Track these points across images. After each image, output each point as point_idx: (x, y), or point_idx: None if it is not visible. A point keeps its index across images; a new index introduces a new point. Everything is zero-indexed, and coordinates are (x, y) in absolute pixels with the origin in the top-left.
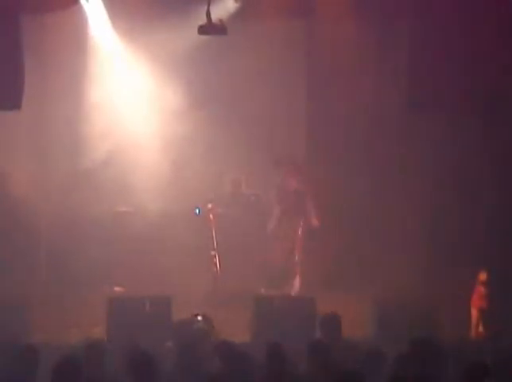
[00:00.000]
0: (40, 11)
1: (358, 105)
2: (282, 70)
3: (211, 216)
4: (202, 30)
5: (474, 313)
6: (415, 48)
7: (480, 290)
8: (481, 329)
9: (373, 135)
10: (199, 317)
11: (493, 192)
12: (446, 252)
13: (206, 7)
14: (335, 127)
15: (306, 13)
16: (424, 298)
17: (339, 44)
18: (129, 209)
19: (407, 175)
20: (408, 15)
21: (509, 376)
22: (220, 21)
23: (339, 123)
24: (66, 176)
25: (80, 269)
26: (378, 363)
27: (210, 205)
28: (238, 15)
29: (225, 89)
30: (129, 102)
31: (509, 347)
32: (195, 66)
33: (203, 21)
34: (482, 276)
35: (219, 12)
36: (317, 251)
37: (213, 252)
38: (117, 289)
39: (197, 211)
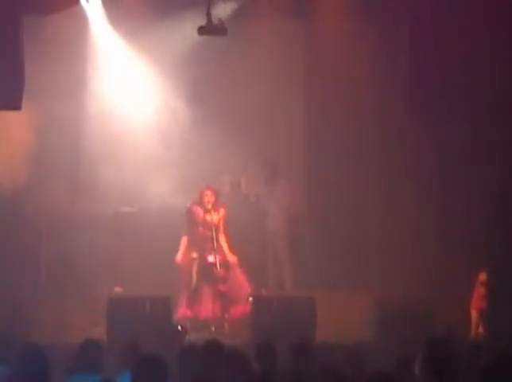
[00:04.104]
0: (40, 11)
1: (358, 105)
2: (282, 70)
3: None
4: (202, 31)
5: (474, 313)
6: (415, 48)
7: (480, 290)
8: (481, 329)
9: (372, 135)
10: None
11: (493, 192)
12: (446, 252)
13: (206, 8)
14: (335, 127)
15: (306, 13)
16: (424, 298)
17: (338, 45)
18: (131, 209)
19: (407, 176)
20: (408, 15)
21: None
22: (220, 21)
23: (338, 123)
24: (66, 176)
25: (81, 269)
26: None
27: (210, 206)
28: (238, 15)
29: (225, 89)
30: (130, 102)
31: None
32: (195, 66)
33: (203, 21)
34: (482, 277)
35: (219, 12)
36: (317, 251)
37: (213, 252)
38: (117, 289)
39: None
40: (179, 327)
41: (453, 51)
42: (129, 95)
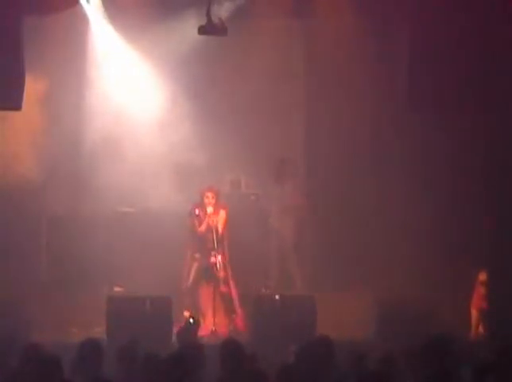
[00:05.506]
0: (40, 11)
1: (358, 104)
2: (282, 69)
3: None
4: (202, 30)
5: (474, 313)
6: (415, 48)
7: (480, 290)
8: (481, 329)
9: (372, 135)
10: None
11: (493, 192)
12: (446, 252)
13: (206, 7)
14: (335, 127)
15: (306, 13)
16: (424, 298)
17: (338, 44)
18: (130, 210)
19: (407, 175)
20: (408, 15)
21: (509, 376)
22: (220, 20)
23: (338, 123)
24: (67, 176)
25: (80, 269)
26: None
27: (211, 207)
28: (238, 15)
29: (225, 90)
30: (130, 101)
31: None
32: (196, 66)
33: (203, 21)
34: (482, 276)
35: (219, 12)
36: (317, 251)
37: (213, 252)
38: (117, 289)
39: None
40: (191, 320)
41: (453, 49)
42: (129, 94)
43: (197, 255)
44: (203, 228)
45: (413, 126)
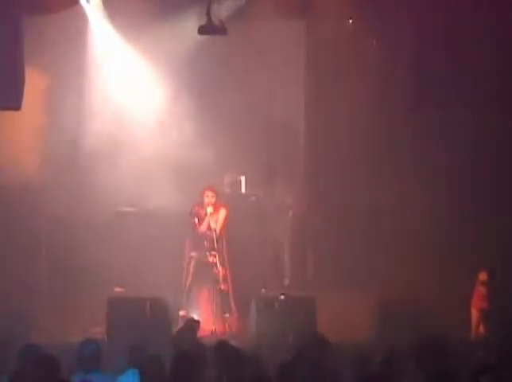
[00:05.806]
0: (40, 11)
1: (358, 105)
2: (282, 69)
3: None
4: (202, 30)
5: (474, 313)
6: (416, 48)
7: (480, 290)
8: (481, 329)
9: (373, 135)
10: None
11: (493, 191)
12: (446, 252)
13: (206, 7)
14: (335, 127)
15: (306, 12)
16: (424, 298)
17: (338, 44)
18: (130, 209)
19: (407, 175)
20: (409, 15)
21: (509, 376)
22: (220, 21)
23: (338, 123)
24: (67, 176)
25: (80, 269)
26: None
27: (210, 206)
28: (238, 15)
29: (224, 90)
30: (130, 101)
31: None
32: (196, 66)
33: (203, 20)
34: (482, 276)
35: (219, 12)
36: (317, 251)
37: (213, 252)
38: (117, 289)
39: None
40: (191, 320)
41: (455, 48)
42: (129, 94)
43: (197, 254)
44: (203, 227)
45: (413, 125)
